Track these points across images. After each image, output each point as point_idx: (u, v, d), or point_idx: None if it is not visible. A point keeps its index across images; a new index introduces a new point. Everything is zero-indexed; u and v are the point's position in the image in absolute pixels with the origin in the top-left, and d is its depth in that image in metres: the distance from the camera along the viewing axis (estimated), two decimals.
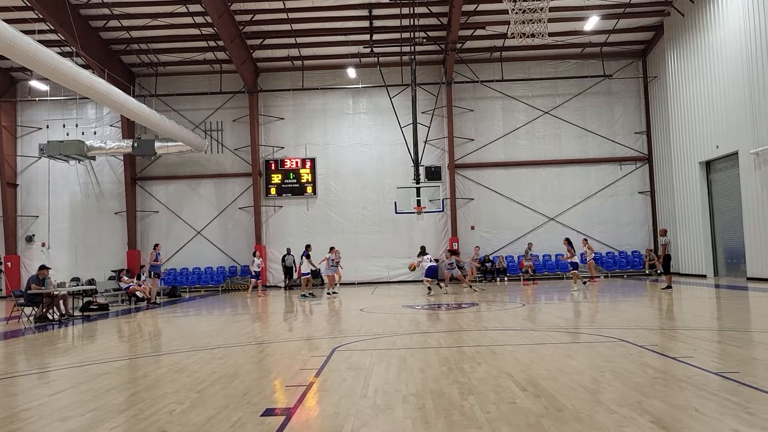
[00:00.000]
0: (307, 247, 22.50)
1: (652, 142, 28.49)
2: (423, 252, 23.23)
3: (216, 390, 6.65)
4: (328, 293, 21.97)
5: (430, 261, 21.72)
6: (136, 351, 10.33)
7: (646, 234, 28.61)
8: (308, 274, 22.16)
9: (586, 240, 24.64)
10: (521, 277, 26.42)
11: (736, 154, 21.27)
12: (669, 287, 18.43)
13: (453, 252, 23.23)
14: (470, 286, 21.69)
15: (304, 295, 21.32)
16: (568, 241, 21.80)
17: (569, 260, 21.46)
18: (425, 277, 21.14)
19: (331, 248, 22.71)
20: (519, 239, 28.27)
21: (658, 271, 23.72)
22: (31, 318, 15.59)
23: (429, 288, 20.81)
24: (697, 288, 19.53)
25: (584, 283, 21.97)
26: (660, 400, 5.49)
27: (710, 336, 9.47)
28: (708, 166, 23.83)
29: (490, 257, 28.09)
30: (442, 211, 25.23)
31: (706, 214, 23.87)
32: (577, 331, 10.54)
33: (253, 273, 24.06)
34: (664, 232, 19.20)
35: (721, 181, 23.18)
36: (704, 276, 23.62)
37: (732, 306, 14.42)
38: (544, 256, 28.29)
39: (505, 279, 26.86)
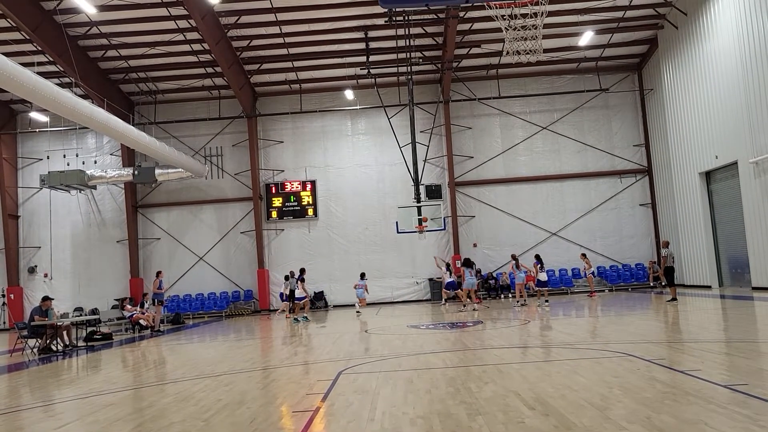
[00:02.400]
0: (302, 270, 22.68)
1: (651, 154, 28.54)
2: (447, 267, 24.56)
3: (222, 418, 6.61)
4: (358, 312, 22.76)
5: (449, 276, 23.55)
6: (141, 380, 10.28)
7: (648, 246, 28.55)
8: (303, 298, 22.06)
9: (584, 255, 24.60)
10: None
11: (735, 163, 21.29)
12: (674, 299, 18.35)
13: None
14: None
15: (296, 319, 21.45)
16: (537, 258, 22.21)
17: (538, 278, 21.59)
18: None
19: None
20: (521, 255, 28.13)
21: (663, 283, 23.64)
22: (35, 350, 15.53)
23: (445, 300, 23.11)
24: (702, 299, 19.44)
25: (546, 300, 21.94)
26: (669, 414, 5.45)
27: (717, 348, 9.41)
28: (708, 176, 23.85)
29: (494, 274, 28.03)
30: (444, 229, 25.23)
31: (708, 224, 23.84)
32: (583, 347, 10.47)
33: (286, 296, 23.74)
34: (666, 244, 19.18)
35: (721, 191, 23.18)
36: (709, 287, 23.53)
37: (738, 316, 14.34)
38: (547, 271, 28.12)
39: (509, 295, 26.74)
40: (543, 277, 21.88)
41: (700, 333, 11.43)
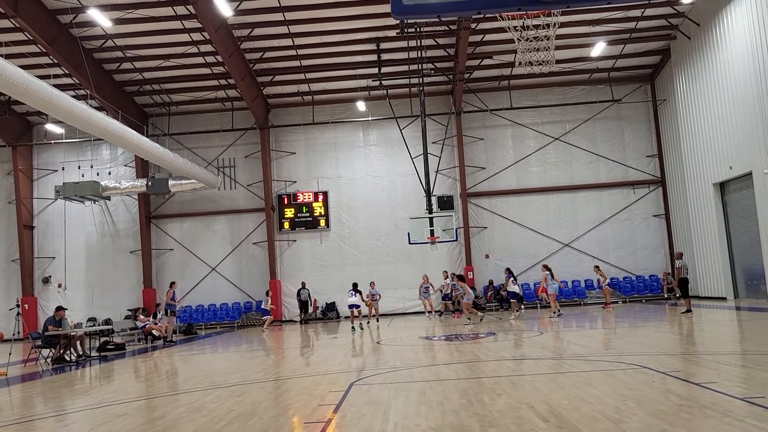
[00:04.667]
0: (355, 285, 22.29)
1: (665, 165, 28.38)
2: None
3: (234, 429, 6.60)
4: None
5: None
6: (153, 390, 10.30)
7: (662, 257, 28.32)
8: (359, 306, 21.91)
9: (597, 267, 24.43)
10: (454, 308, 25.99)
11: (750, 174, 21.12)
12: (688, 311, 18.19)
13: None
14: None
15: (353, 328, 21.18)
16: (508, 271, 22.96)
17: (510, 290, 21.92)
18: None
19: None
20: (534, 266, 28.06)
21: (677, 295, 23.44)
22: (49, 360, 15.61)
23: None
24: (717, 311, 19.25)
25: (517, 311, 22.39)
26: (685, 428, 5.38)
27: (733, 360, 9.30)
28: (722, 187, 23.67)
29: (506, 285, 27.88)
30: (456, 240, 25.15)
31: (723, 235, 23.63)
32: (597, 359, 10.38)
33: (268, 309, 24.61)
34: (680, 256, 19.03)
35: (736, 202, 22.99)
36: (724, 298, 23.29)
37: (754, 328, 14.18)
38: (561, 282, 28.01)
39: (522, 307, 26.55)
40: (516, 289, 22.28)
41: (716, 345, 11.31)
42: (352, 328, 21.09)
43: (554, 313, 20.95)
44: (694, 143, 24.96)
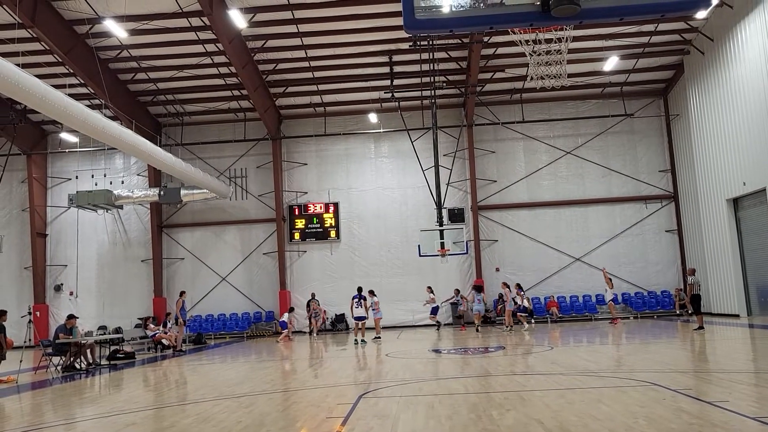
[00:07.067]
0: (371, 292, 21.89)
1: (677, 180, 28.22)
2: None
3: None
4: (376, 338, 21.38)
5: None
6: (162, 400, 10.31)
7: (674, 273, 28.10)
8: (364, 318, 20.87)
9: (608, 277, 24.23)
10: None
11: (764, 190, 20.95)
12: (701, 328, 18.02)
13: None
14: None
15: (363, 341, 20.32)
16: (505, 286, 23.85)
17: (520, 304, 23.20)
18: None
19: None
20: (545, 280, 27.98)
21: (689, 311, 23.23)
22: (59, 367, 15.68)
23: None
24: (730, 328, 19.05)
25: (510, 325, 23.12)
26: None
27: (746, 379, 9.20)
28: (735, 203, 23.50)
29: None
30: (467, 253, 25.10)
31: (736, 251, 23.42)
32: (608, 375, 10.29)
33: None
34: (693, 272, 18.88)
35: (749, 218, 22.81)
36: (737, 316, 23.06)
37: (767, 347, 14.02)
38: (571, 297, 27.91)
39: (532, 321, 26.42)
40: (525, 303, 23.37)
41: (728, 363, 11.18)
42: (356, 341, 20.29)
43: (507, 327, 22.71)
44: (707, 158, 24.82)
